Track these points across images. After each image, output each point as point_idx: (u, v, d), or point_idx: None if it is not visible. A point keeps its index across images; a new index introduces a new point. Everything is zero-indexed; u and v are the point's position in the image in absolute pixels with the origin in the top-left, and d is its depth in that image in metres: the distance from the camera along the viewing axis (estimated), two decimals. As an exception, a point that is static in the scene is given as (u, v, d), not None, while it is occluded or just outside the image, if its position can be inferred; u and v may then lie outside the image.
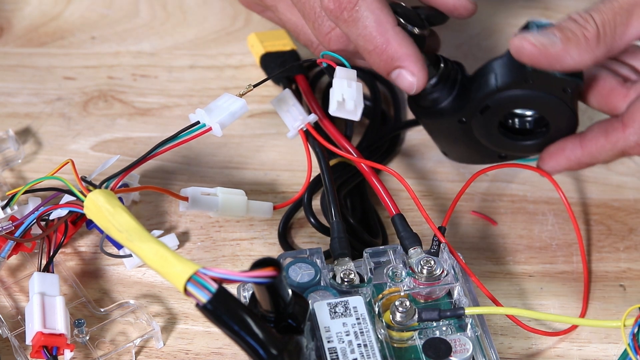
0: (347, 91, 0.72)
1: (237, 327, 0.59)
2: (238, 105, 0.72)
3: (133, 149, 0.84)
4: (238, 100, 0.72)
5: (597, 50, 0.70)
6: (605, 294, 0.77)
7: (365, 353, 0.67)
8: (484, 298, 0.75)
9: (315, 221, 0.78)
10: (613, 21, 0.70)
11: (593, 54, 0.70)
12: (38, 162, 0.84)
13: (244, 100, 0.72)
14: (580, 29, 0.70)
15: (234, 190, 0.76)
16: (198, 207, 0.74)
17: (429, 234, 0.73)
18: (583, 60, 0.70)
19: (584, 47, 0.70)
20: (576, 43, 0.70)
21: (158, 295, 0.76)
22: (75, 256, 0.78)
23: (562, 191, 0.77)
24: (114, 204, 0.65)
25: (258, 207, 0.77)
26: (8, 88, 0.89)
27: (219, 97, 0.72)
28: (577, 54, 0.70)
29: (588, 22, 0.70)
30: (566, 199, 0.77)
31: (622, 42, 0.70)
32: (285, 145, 0.85)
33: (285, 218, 0.79)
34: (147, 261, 0.62)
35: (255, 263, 0.60)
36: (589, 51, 0.70)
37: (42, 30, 0.93)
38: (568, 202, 0.77)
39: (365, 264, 0.72)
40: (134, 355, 0.72)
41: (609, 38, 0.70)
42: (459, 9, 0.74)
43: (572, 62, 0.70)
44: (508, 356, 0.73)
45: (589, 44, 0.70)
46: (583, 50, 0.70)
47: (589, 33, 0.70)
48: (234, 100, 0.72)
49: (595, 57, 0.70)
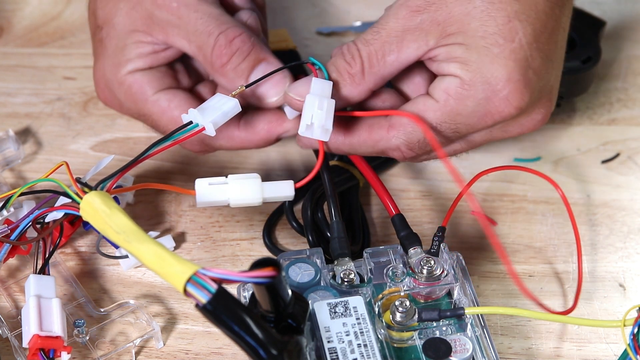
0: (317, 114, 0.71)
1: (237, 327, 0.59)
2: (230, 105, 0.72)
3: (133, 149, 0.84)
4: (230, 100, 0.72)
5: (364, 85, 0.72)
6: (605, 294, 0.77)
7: (365, 353, 0.67)
8: (484, 298, 0.75)
9: (297, 225, 0.78)
10: (381, 51, 0.72)
11: (361, 88, 0.72)
12: (38, 162, 0.84)
13: (236, 100, 0.72)
14: (345, 68, 0.72)
15: (246, 175, 0.72)
16: (208, 199, 0.71)
17: (429, 234, 0.73)
18: (352, 96, 0.73)
19: (349, 85, 0.72)
20: (343, 84, 0.72)
21: (158, 295, 0.76)
22: (75, 256, 0.78)
23: (561, 191, 0.77)
24: (111, 205, 0.65)
25: (275, 188, 0.72)
26: (8, 88, 0.89)
27: (211, 98, 0.72)
28: (346, 92, 0.72)
29: (354, 58, 0.72)
30: (565, 198, 0.77)
31: (394, 68, 0.72)
32: (285, 145, 0.85)
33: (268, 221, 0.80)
34: (145, 262, 0.62)
35: (255, 263, 0.60)
36: (356, 87, 0.72)
37: (42, 30, 0.93)
38: (567, 201, 0.77)
39: (365, 264, 0.72)
40: (134, 355, 0.72)
41: (377, 69, 0.72)
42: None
43: (341, 102, 0.72)
44: (508, 356, 0.73)
45: (354, 81, 0.72)
46: (350, 88, 0.72)
47: (353, 70, 0.72)
48: (227, 100, 0.72)
49: (364, 90, 0.73)
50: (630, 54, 0.92)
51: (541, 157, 0.85)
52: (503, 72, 0.71)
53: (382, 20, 0.72)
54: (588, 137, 0.86)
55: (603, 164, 0.85)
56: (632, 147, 0.85)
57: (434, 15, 0.71)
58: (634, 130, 0.87)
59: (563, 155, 0.85)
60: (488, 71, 0.71)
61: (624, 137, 0.86)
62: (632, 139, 0.86)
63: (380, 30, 0.72)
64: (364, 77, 0.72)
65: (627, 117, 0.88)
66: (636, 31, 0.94)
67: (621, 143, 0.86)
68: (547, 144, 0.85)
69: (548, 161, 0.84)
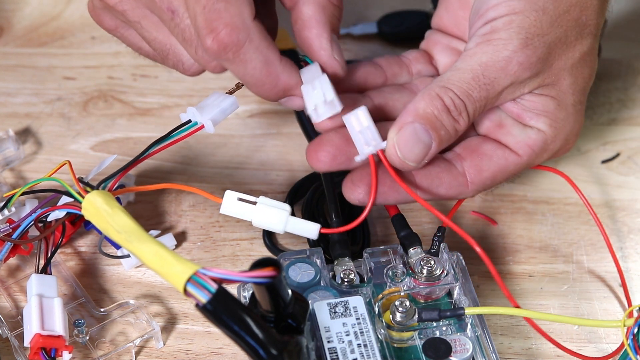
0: (315, 95, 0.68)
1: (237, 327, 0.59)
2: (228, 102, 0.72)
3: (133, 149, 0.84)
4: (228, 98, 0.72)
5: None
6: (605, 294, 0.77)
7: (365, 353, 0.67)
8: (484, 298, 0.75)
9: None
10: (482, 107, 0.69)
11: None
12: (38, 162, 0.84)
13: (234, 97, 0.72)
14: (452, 124, 0.68)
15: (277, 203, 0.68)
16: (233, 212, 0.69)
17: (429, 234, 0.73)
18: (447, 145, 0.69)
19: (451, 140, 0.69)
20: (447, 141, 0.68)
21: (158, 295, 0.76)
22: (75, 256, 0.78)
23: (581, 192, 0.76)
24: (112, 204, 0.65)
25: (300, 227, 0.68)
26: (8, 88, 0.89)
27: (209, 96, 0.72)
28: (444, 144, 0.68)
29: (461, 115, 0.68)
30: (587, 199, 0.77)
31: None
32: (285, 145, 0.85)
33: None
34: (146, 262, 0.62)
35: (255, 263, 0.60)
36: (454, 139, 0.69)
37: (42, 30, 0.93)
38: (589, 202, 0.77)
39: (365, 264, 0.72)
40: (134, 355, 0.72)
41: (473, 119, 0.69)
42: (328, 68, 0.70)
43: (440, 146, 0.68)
44: (508, 356, 0.73)
45: (457, 136, 0.69)
46: (448, 142, 0.69)
47: (460, 127, 0.68)
48: (224, 97, 0.72)
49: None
50: (630, 53, 0.92)
51: (541, 157, 0.85)
52: (578, 128, 0.71)
53: (489, 68, 0.68)
54: (588, 137, 0.86)
55: (603, 164, 0.85)
56: (632, 147, 0.85)
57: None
58: (634, 130, 0.87)
59: (563, 155, 0.85)
60: (568, 129, 0.71)
61: (624, 137, 0.86)
62: (632, 139, 0.86)
63: (489, 87, 0.68)
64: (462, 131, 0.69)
65: (627, 117, 0.88)
66: (636, 31, 0.94)
67: (621, 143, 0.86)
68: (547, 144, 0.85)
69: (548, 161, 0.84)
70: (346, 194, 0.69)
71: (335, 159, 0.69)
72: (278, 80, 0.68)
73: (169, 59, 0.72)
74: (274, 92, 0.69)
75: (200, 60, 0.69)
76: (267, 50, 0.67)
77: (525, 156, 0.70)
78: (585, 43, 0.70)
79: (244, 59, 0.66)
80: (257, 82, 0.68)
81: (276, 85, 0.68)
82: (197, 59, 0.69)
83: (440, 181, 0.69)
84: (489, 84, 0.68)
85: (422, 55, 0.76)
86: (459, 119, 0.68)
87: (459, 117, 0.68)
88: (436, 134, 0.67)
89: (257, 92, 0.69)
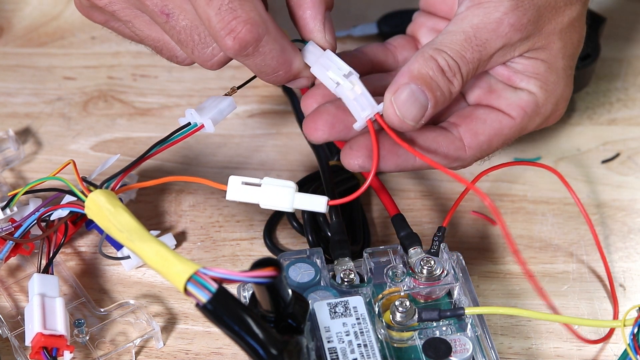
0: (333, 74, 0.69)
1: (237, 327, 0.59)
2: (226, 103, 0.72)
3: (133, 149, 0.84)
4: (225, 99, 0.73)
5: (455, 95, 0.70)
6: (605, 294, 0.77)
7: (365, 353, 0.67)
8: (484, 298, 0.75)
9: (297, 225, 0.78)
10: (475, 69, 0.69)
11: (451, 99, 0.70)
12: (38, 162, 0.84)
13: (231, 98, 0.73)
14: (447, 85, 0.68)
15: (282, 182, 0.68)
16: (239, 197, 0.69)
17: (429, 234, 0.73)
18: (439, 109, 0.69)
19: (446, 102, 0.69)
20: (442, 102, 0.69)
21: (158, 295, 0.76)
22: (75, 256, 0.78)
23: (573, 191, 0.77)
24: (115, 204, 0.65)
25: (308, 202, 0.68)
26: (8, 88, 0.89)
27: (205, 100, 0.73)
28: (440, 107, 0.69)
29: (455, 76, 0.68)
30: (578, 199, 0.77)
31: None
32: (285, 145, 0.85)
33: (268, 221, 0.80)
34: (147, 261, 0.62)
35: (255, 263, 0.60)
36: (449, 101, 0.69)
37: (42, 30, 0.93)
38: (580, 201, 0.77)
39: (365, 264, 0.72)
40: (134, 355, 0.72)
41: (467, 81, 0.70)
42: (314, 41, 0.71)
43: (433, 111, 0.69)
44: (508, 356, 0.73)
45: (452, 98, 0.69)
46: (444, 105, 0.69)
47: (454, 89, 0.69)
48: (222, 98, 0.73)
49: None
50: (630, 53, 0.92)
51: (541, 157, 0.85)
52: (568, 93, 0.72)
53: (481, 30, 0.69)
54: (588, 137, 0.86)
55: (603, 164, 0.85)
56: (632, 147, 0.85)
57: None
58: (634, 130, 0.87)
59: (563, 155, 0.85)
60: (559, 93, 0.71)
61: (624, 137, 0.86)
62: (632, 139, 0.86)
63: (481, 49, 0.69)
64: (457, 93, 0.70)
65: (627, 117, 0.88)
66: (636, 31, 0.94)
67: (621, 143, 0.86)
68: (547, 144, 0.86)
69: (548, 161, 0.84)
70: (345, 161, 0.69)
71: (334, 127, 0.69)
72: (292, 66, 0.69)
73: (163, 53, 0.72)
74: (286, 78, 0.69)
75: (197, 59, 0.69)
76: (282, 39, 0.68)
77: (519, 118, 0.71)
78: (574, 9, 0.71)
79: (264, 52, 0.67)
80: (273, 71, 0.68)
81: (290, 70, 0.69)
82: (193, 58, 0.69)
83: (438, 145, 0.70)
84: (481, 45, 0.69)
85: (408, 42, 0.77)
86: (453, 80, 0.68)
87: (454, 79, 0.68)
88: (432, 95, 0.68)
89: (269, 80, 0.69)
